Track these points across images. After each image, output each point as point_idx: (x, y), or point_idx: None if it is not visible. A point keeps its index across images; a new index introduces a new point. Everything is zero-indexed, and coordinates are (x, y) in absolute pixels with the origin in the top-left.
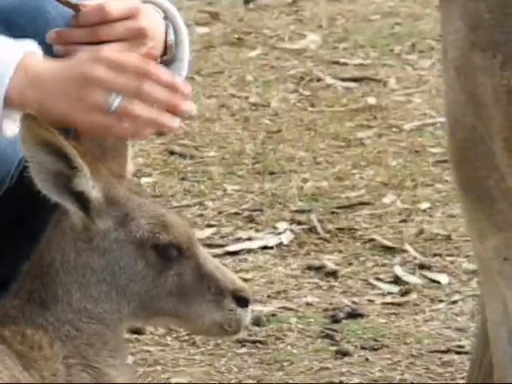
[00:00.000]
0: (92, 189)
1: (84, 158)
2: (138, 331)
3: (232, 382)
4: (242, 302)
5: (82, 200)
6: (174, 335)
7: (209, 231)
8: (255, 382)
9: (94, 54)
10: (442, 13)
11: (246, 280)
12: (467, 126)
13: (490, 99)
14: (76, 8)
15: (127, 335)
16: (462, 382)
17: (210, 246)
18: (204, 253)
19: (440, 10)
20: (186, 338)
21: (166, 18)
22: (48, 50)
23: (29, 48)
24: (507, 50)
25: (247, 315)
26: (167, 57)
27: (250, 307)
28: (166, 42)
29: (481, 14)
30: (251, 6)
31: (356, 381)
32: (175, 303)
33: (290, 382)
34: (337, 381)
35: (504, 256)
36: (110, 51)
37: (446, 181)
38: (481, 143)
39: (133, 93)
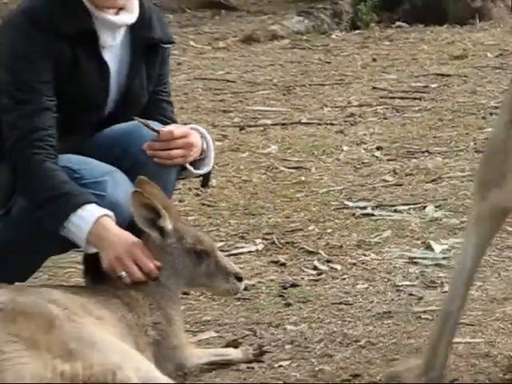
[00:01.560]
0: (167, 225)
1: (165, 209)
2: (185, 293)
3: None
4: (239, 279)
5: (161, 230)
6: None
7: (219, 244)
8: (245, 320)
9: (130, 251)
10: None
11: (241, 267)
12: None
13: None
14: (158, 132)
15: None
16: None
17: (221, 250)
18: (220, 254)
19: None
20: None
21: (202, 136)
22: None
23: (104, 212)
24: None
25: (241, 286)
26: (202, 156)
27: (243, 282)
28: (202, 148)
29: None
30: None
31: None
32: (205, 280)
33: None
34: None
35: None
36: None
37: None
38: None
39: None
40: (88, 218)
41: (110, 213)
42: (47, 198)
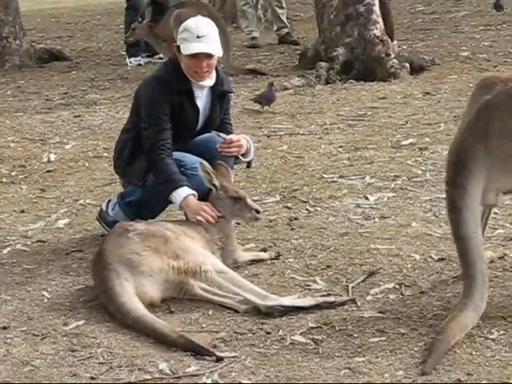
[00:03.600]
0: (217, 183)
1: (216, 176)
2: (237, 223)
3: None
4: (257, 212)
5: (215, 186)
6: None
7: (255, 198)
8: (270, 238)
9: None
10: None
11: (267, 210)
12: None
13: None
14: (224, 139)
15: None
16: None
17: (256, 201)
18: (249, 200)
19: None
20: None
21: (247, 140)
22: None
23: (188, 192)
24: None
25: (259, 216)
26: (247, 151)
27: (261, 214)
28: (247, 147)
29: None
30: None
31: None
32: (239, 212)
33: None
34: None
35: None
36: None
37: None
38: None
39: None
40: (181, 195)
41: (193, 192)
42: (163, 180)
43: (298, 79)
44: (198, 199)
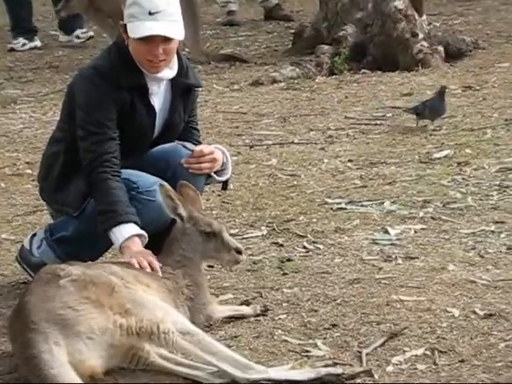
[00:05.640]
0: (183, 212)
1: (182, 202)
2: (210, 266)
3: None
4: (239, 252)
5: (181, 217)
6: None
7: (234, 231)
8: (254, 285)
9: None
10: None
11: (250, 247)
12: None
13: None
14: (192, 150)
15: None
16: None
17: (235, 235)
18: (226, 235)
19: None
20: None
21: (222, 153)
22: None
23: (135, 232)
24: None
25: (241, 257)
26: (223, 167)
27: (242, 255)
28: (223, 161)
29: None
30: None
31: None
32: (214, 253)
33: None
34: None
35: None
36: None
37: None
38: None
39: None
40: (123, 234)
41: (142, 232)
42: (103, 210)
43: (292, 68)
44: (156, 235)
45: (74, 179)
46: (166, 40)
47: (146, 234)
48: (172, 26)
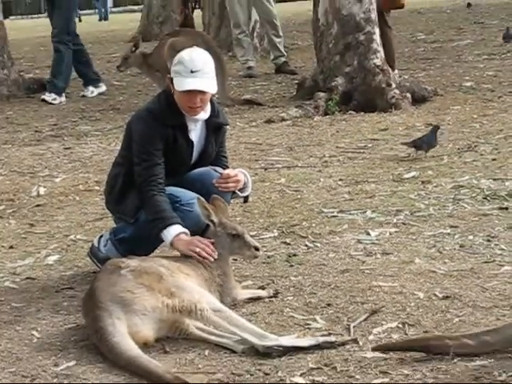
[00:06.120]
0: (215, 219)
1: (214, 211)
2: (234, 259)
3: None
4: (257, 249)
5: (213, 223)
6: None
7: (253, 233)
8: (268, 274)
9: (190, 248)
10: None
11: (265, 245)
12: None
13: None
14: (221, 174)
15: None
16: None
17: (253, 236)
18: (247, 236)
19: None
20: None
21: (244, 175)
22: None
23: (180, 230)
24: None
25: (259, 253)
26: (244, 186)
27: (260, 251)
28: (244, 181)
29: None
30: None
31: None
32: (238, 250)
33: None
34: None
35: None
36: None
37: None
38: None
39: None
40: (171, 233)
41: (185, 230)
42: (153, 218)
43: (296, 110)
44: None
45: (130, 195)
46: (203, 92)
47: (188, 231)
48: (208, 82)
